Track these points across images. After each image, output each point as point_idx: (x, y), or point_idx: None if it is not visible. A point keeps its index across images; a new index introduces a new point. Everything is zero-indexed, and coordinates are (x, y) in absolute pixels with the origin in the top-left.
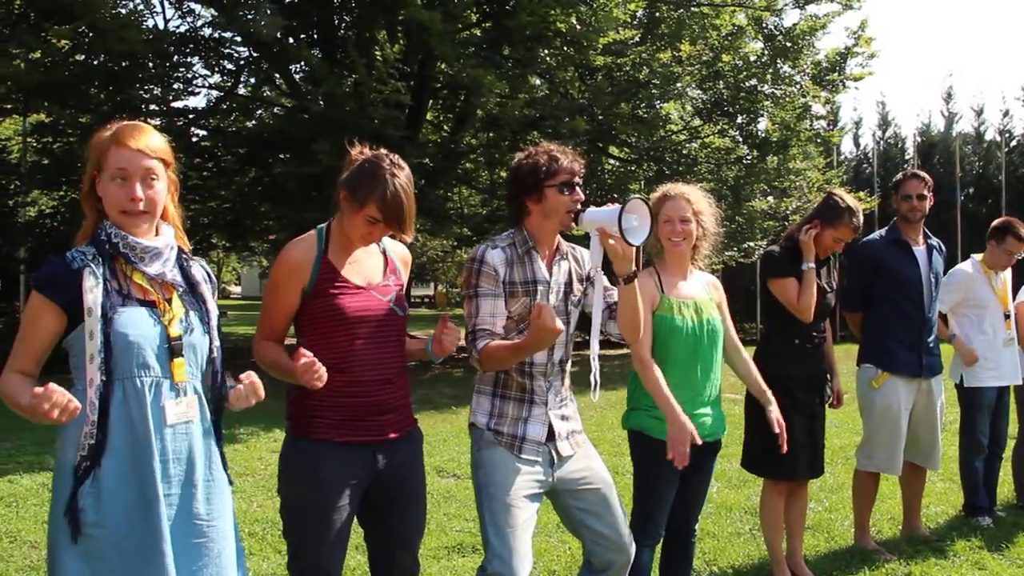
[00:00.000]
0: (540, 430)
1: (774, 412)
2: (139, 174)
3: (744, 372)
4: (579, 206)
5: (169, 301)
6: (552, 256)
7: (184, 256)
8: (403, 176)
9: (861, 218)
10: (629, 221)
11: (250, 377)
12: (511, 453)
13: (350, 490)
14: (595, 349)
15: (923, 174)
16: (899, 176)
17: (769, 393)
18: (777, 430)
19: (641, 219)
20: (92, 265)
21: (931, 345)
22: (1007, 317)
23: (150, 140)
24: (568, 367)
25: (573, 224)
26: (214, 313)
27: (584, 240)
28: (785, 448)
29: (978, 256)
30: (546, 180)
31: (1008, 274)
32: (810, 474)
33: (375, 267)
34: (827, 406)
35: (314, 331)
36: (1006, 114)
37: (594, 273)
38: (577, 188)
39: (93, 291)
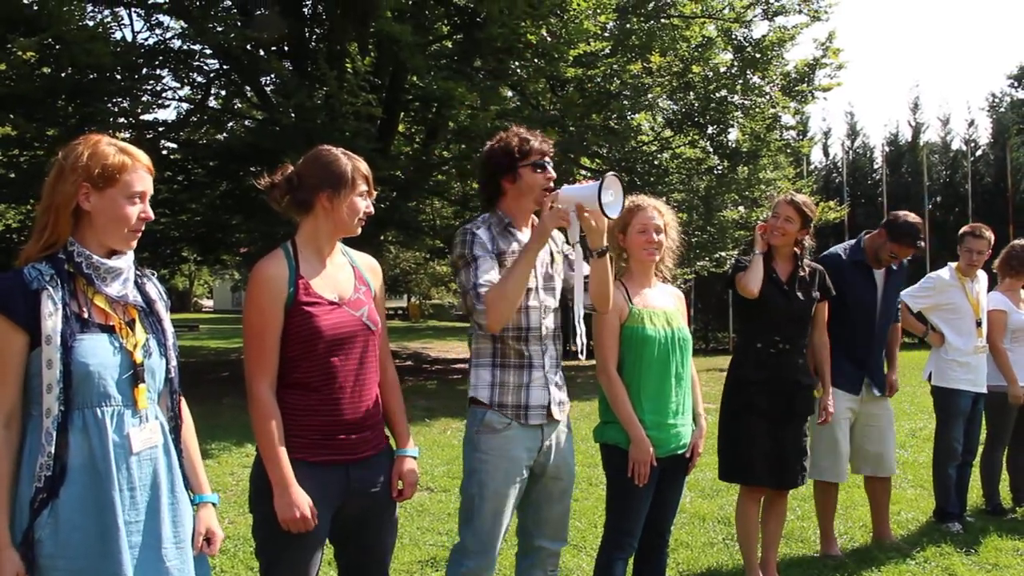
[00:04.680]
0: (542, 394)
1: (695, 436)
2: (149, 195)
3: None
4: (551, 183)
5: (131, 324)
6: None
7: (138, 273)
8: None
9: (796, 196)
10: (607, 195)
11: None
12: (511, 431)
13: (324, 510)
14: (579, 313)
15: (921, 239)
16: (903, 227)
17: (703, 419)
18: (688, 455)
19: (616, 194)
20: (50, 287)
21: (875, 366)
22: (979, 325)
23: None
24: (559, 333)
25: (548, 201)
26: (170, 332)
27: None
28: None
29: (954, 264)
30: (520, 160)
31: (984, 284)
32: (775, 483)
33: (345, 280)
34: (817, 422)
35: (288, 349)
36: (971, 124)
37: (573, 246)
38: (548, 167)
39: (52, 317)
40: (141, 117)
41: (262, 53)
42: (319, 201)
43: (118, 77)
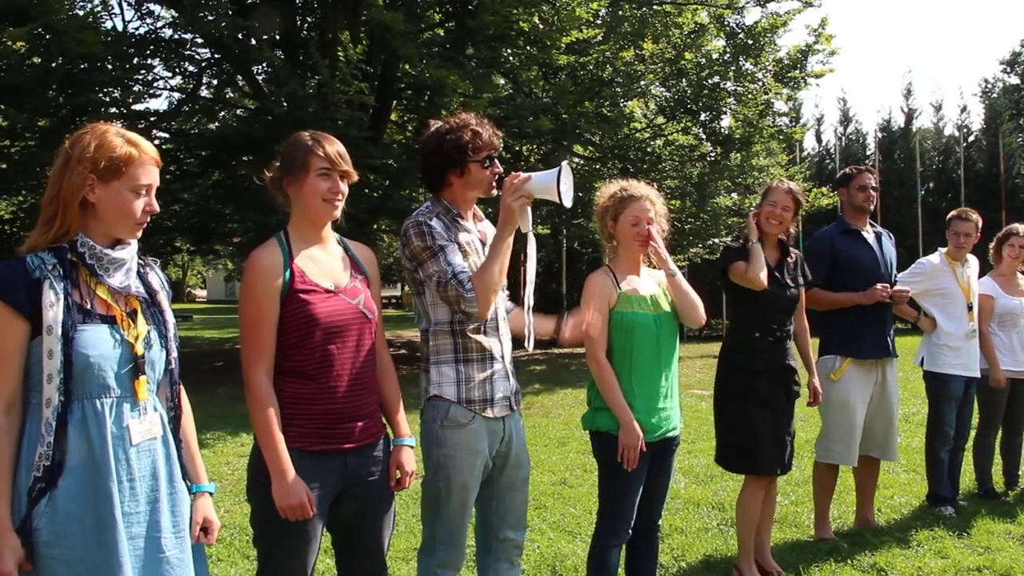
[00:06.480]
0: (506, 385)
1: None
2: (155, 188)
3: None
4: (497, 177)
5: (133, 315)
6: (475, 220)
7: (140, 262)
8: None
9: (791, 185)
10: (563, 184)
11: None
12: (475, 424)
13: (321, 499)
14: (530, 303)
15: (870, 167)
16: (849, 171)
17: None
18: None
19: (568, 183)
20: (52, 277)
21: (891, 325)
22: (970, 309)
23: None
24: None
25: (494, 192)
26: (171, 323)
27: None
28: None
29: (944, 249)
30: (472, 156)
31: (975, 270)
32: (776, 470)
33: (340, 267)
34: (807, 404)
35: (284, 337)
36: (964, 110)
37: (527, 234)
38: (495, 160)
39: (53, 307)
40: (133, 107)
41: (253, 42)
42: (286, 187)
43: (109, 67)
